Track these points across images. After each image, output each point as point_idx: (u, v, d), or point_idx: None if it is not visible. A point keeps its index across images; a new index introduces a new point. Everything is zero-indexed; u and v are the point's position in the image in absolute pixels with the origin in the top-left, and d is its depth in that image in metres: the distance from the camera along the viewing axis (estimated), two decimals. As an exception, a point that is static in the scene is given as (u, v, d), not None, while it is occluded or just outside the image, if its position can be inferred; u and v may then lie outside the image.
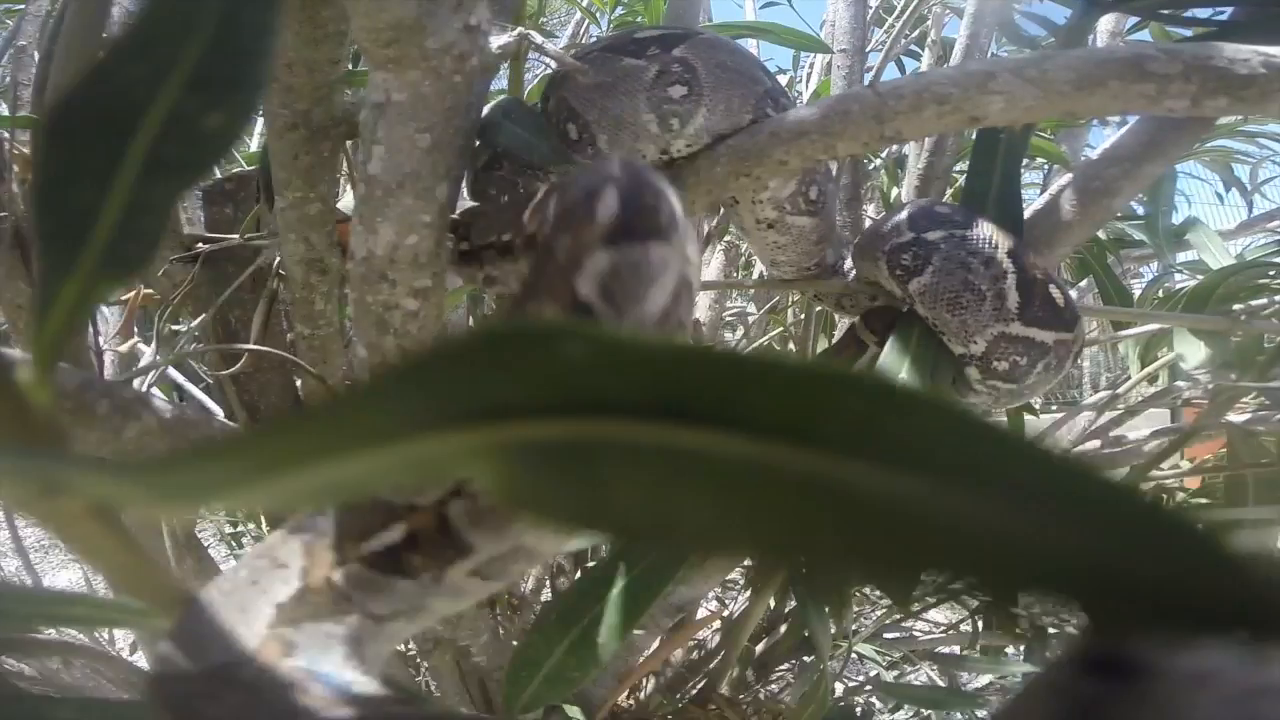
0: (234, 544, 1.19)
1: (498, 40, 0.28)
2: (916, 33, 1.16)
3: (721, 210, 0.61)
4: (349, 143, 0.46)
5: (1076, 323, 0.36)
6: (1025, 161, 0.61)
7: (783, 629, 0.87)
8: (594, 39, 0.64)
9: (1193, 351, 0.50)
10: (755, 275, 0.93)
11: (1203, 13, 0.37)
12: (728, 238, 0.79)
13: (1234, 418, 0.52)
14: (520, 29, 0.29)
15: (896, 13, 1.22)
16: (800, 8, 1.21)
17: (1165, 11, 0.42)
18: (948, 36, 1.09)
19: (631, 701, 0.66)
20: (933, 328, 0.37)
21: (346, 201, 0.52)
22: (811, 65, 1.13)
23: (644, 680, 0.76)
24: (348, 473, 0.09)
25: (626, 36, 0.37)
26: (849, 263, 0.45)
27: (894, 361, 0.35)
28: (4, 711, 0.17)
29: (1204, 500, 0.69)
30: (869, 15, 1.15)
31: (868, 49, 1.18)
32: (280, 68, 0.41)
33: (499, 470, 0.09)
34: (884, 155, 1.03)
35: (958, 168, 0.80)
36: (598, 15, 0.79)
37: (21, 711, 0.16)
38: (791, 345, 1.08)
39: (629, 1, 0.74)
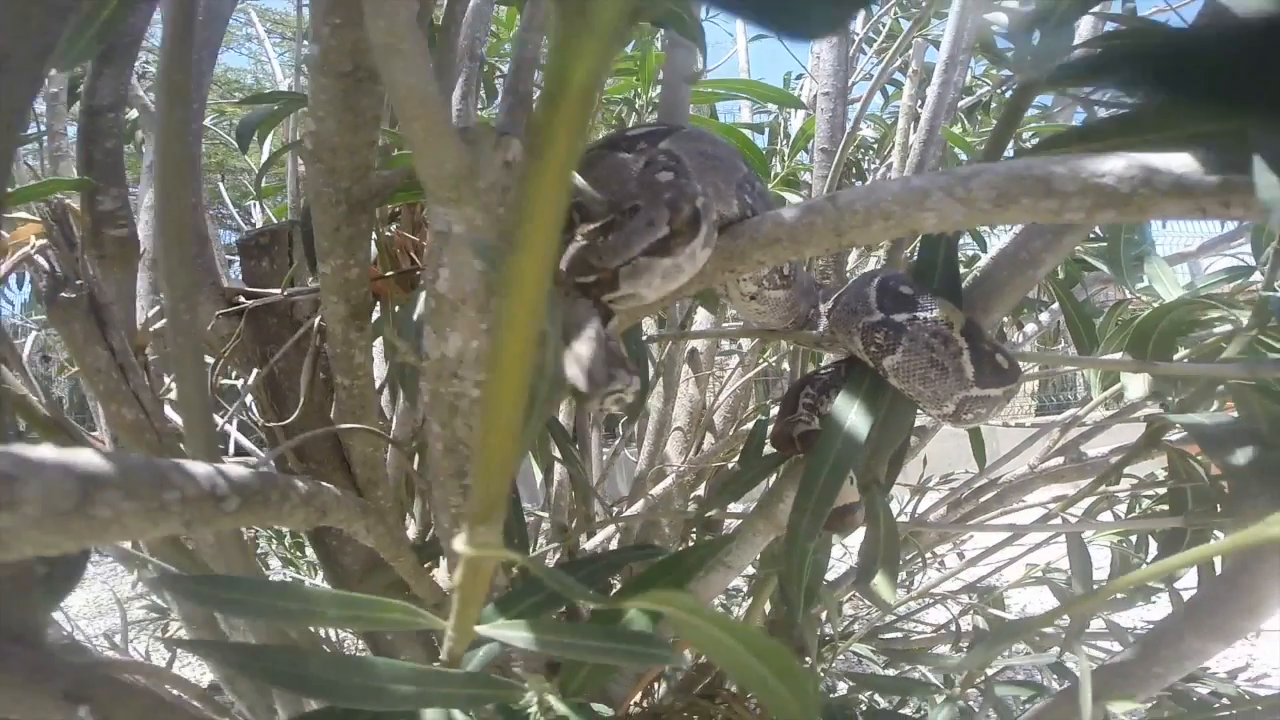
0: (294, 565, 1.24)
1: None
2: (899, 62, 1.23)
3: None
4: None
5: (1018, 374, 0.43)
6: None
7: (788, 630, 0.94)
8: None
9: (1135, 384, 0.56)
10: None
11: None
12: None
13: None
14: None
15: (877, 46, 1.29)
16: (788, 41, 1.28)
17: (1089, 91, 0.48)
18: (929, 63, 1.17)
19: (645, 703, 0.72)
20: (908, 397, 0.44)
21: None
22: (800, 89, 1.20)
23: (656, 682, 0.83)
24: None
25: (620, 134, 0.44)
26: (823, 312, 0.51)
27: (843, 408, 0.41)
28: (332, 672, 0.23)
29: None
30: (852, 48, 1.23)
31: (852, 80, 1.25)
32: (325, 151, 0.47)
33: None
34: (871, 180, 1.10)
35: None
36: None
37: (346, 669, 0.23)
38: (785, 365, 1.15)
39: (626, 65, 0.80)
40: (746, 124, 1.13)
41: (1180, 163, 0.29)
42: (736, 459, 1.00)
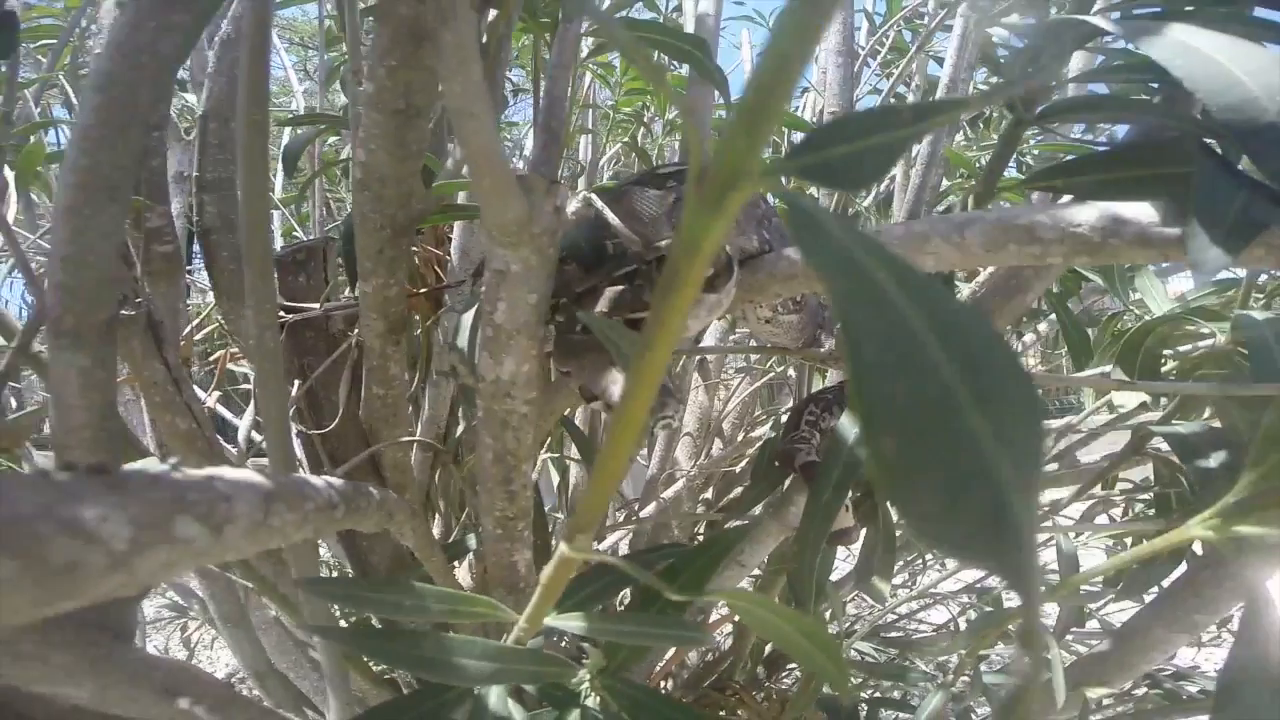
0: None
1: (571, 206, 0.39)
2: (903, 75, 1.27)
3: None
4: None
5: None
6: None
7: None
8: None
9: (1125, 395, 0.61)
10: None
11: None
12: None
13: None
14: (585, 193, 0.41)
15: (881, 59, 1.33)
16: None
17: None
18: (933, 75, 1.22)
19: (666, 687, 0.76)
20: None
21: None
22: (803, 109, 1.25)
23: (665, 679, 0.87)
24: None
25: (650, 172, 0.49)
26: (831, 331, 0.56)
27: (846, 426, 0.46)
28: (430, 650, 0.28)
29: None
30: (858, 62, 1.27)
31: (858, 95, 1.30)
32: (374, 181, 0.52)
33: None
34: (872, 196, 1.15)
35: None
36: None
37: (441, 648, 0.28)
38: (790, 371, 1.20)
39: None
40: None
41: (1145, 213, 0.34)
42: (743, 464, 1.05)
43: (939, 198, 0.99)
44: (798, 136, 1.27)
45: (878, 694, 1.07)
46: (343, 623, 0.74)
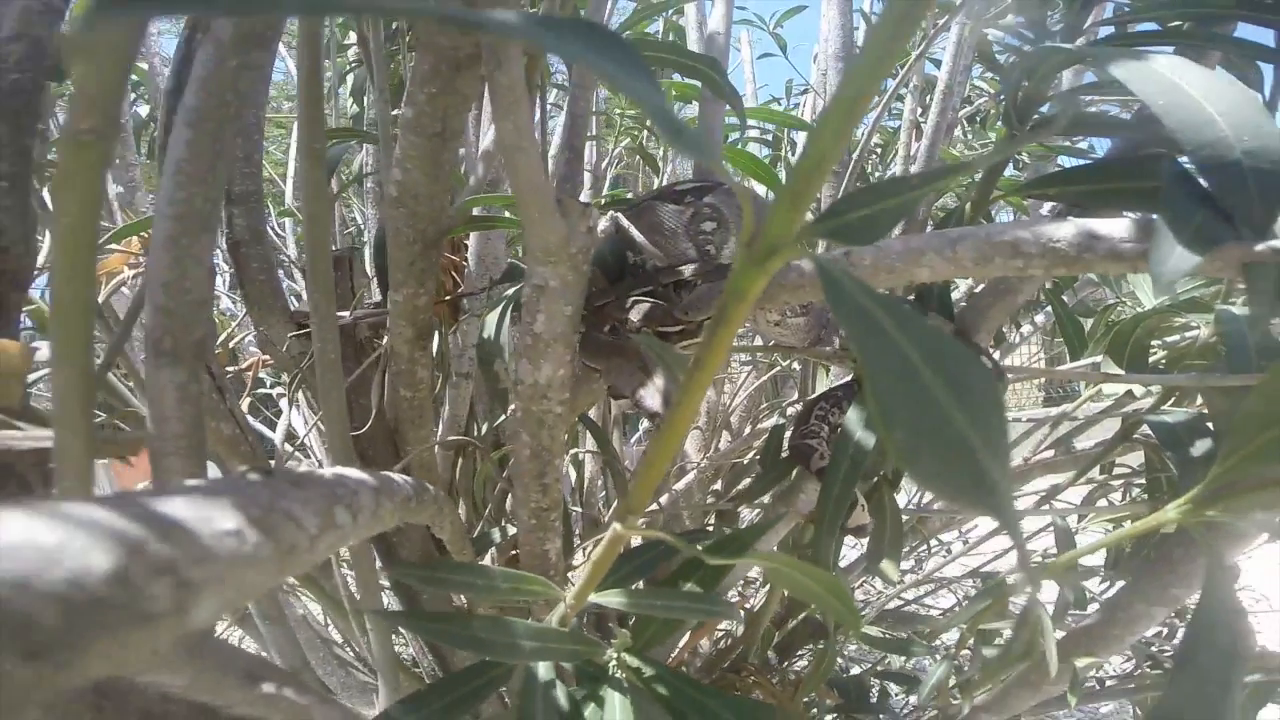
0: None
1: (600, 226, 0.44)
2: (901, 77, 1.31)
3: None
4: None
5: (1001, 375, 0.52)
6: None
7: (801, 616, 1.03)
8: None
9: (1115, 386, 0.66)
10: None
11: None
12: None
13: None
14: (613, 213, 0.45)
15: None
16: (793, 57, 1.37)
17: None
18: (930, 74, 1.26)
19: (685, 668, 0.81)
20: None
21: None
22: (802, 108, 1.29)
23: (679, 667, 0.92)
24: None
25: (670, 188, 0.53)
26: (831, 334, 0.60)
27: (853, 421, 0.51)
28: (485, 631, 0.33)
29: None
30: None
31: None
32: (408, 198, 0.56)
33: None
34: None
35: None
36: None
37: (495, 629, 0.32)
38: (795, 365, 1.24)
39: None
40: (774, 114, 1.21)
41: (1118, 229, 0.38)
42: (751, 455, 1.09)
43: (938, 194, 1.03)
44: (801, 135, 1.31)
45: (885, 672, 1.13)
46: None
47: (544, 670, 0.39)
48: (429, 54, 0.46)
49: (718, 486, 1.14)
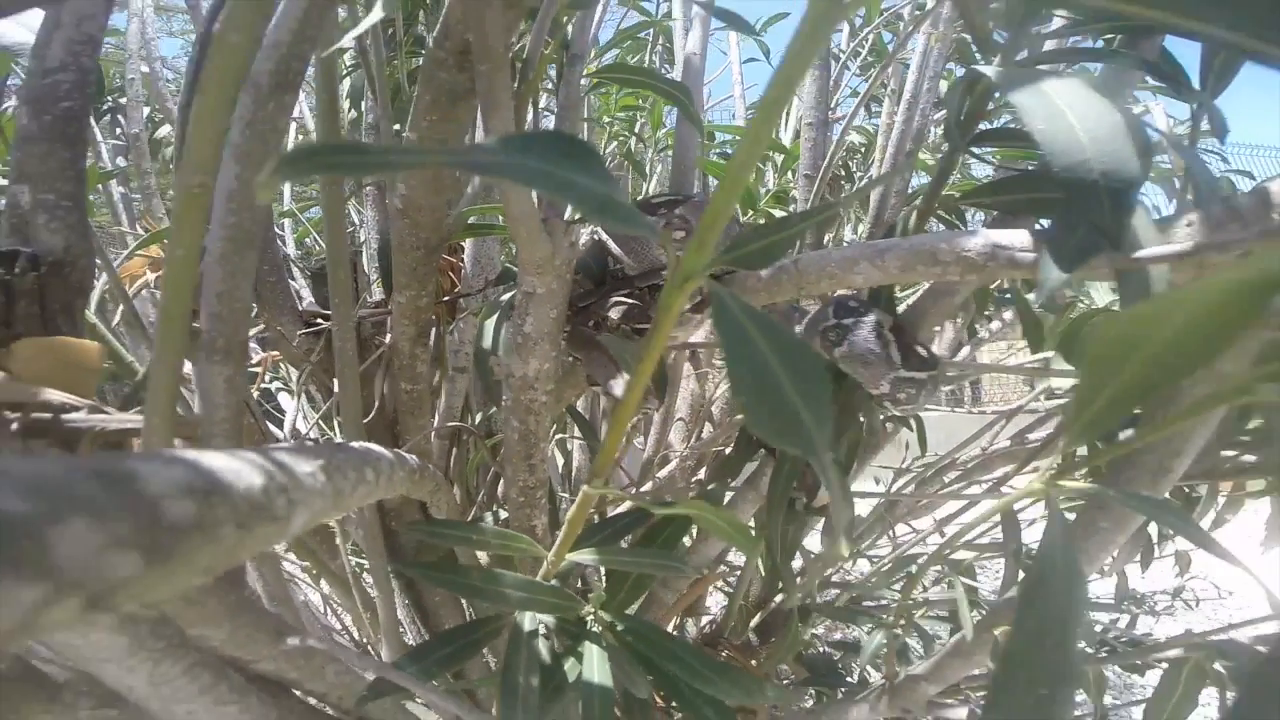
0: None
1: (582, 239, 0.51)
2: (874, 79, 1.39)
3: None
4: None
5: (937, 363, 0.60)
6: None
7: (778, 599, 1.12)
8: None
9: (1063, 381, 0.74)
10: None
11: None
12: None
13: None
14: (593, 227, 0.53)
15: (861, 61, 1.45)
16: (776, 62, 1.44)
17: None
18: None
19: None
20: (854, 377, 0.61)
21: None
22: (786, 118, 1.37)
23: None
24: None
25: (645, 201, 0.61)
26: (800, 328, 0.68)
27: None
28: (483, 581, 0.41)
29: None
30: (838, 66, 1.39)
31: (838, 99, 1.42)
32: (412, 210, 0.64)
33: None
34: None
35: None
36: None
37: (491, 580, 0.40)
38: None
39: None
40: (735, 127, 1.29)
41: (1019, 239, 0.46)
42: (732, 446, 1.18)
43: (908, 199, 1.12)
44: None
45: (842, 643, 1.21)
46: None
47: (529, 622, 0.47)
48: (430, 88, 0.54)
49: (701, 477, 1.22)
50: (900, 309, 0.65)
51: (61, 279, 0.43)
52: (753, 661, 1.01)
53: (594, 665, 0.47)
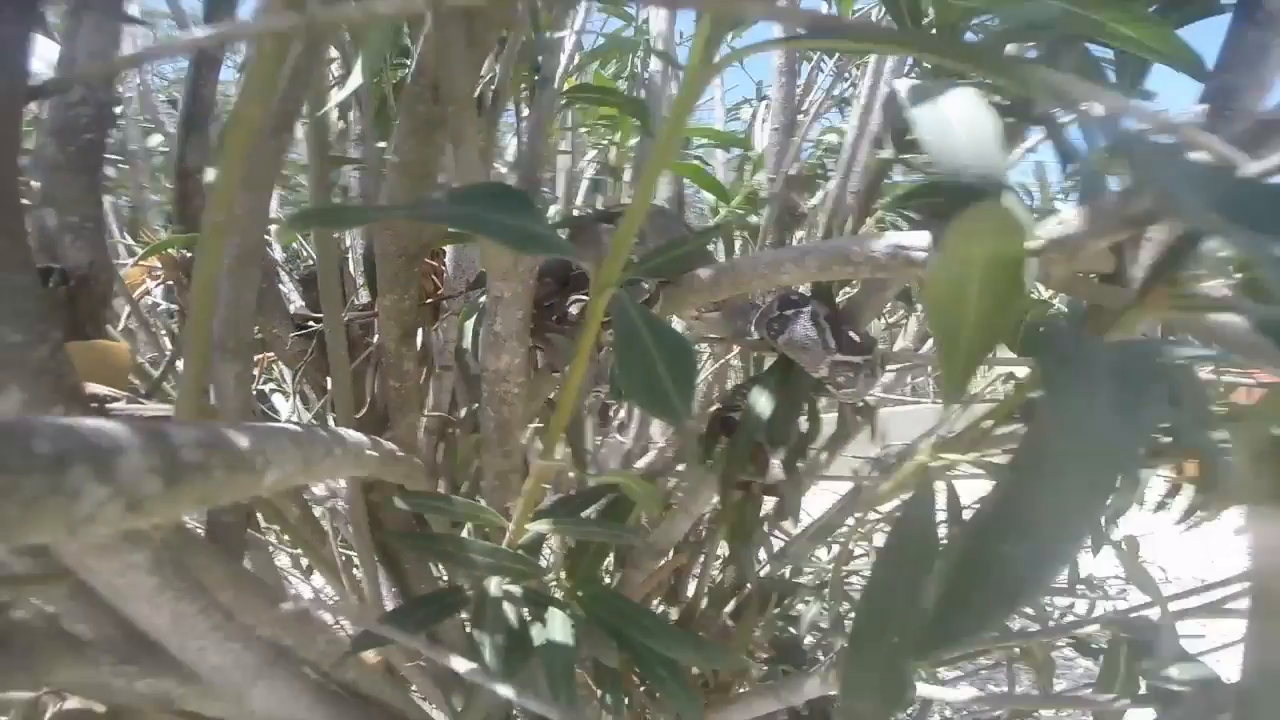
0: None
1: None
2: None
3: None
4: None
5: (873, 348, 0.69)
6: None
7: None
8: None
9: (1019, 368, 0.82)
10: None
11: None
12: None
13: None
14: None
15: (834, 62, 1.54)
16: (750, 67, 1.53)
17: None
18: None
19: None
20: (796, 362, 0.70)
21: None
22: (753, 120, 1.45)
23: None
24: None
25: (605, 211, 0.70)
26: (753, 324, 0.77)
27: (755, 395, 0.67)
28: (453, 548, 0.49)
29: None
30: (810, 66, 1.48)
31: (811, 99, 1.51)
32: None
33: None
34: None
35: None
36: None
37: (461, 546, 0.48)
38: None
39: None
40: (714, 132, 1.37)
41: (919, 240, 0.55)
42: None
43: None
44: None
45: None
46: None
47: (495, 587, 0.56)
48: (409, 118, 0.62)
49: (682, 467, 1.31)
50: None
51: (88, 290, 0.52)
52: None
53: (556, 627, 0.55)
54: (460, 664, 0.43)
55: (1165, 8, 0.61)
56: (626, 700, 0.76)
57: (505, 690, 0.43)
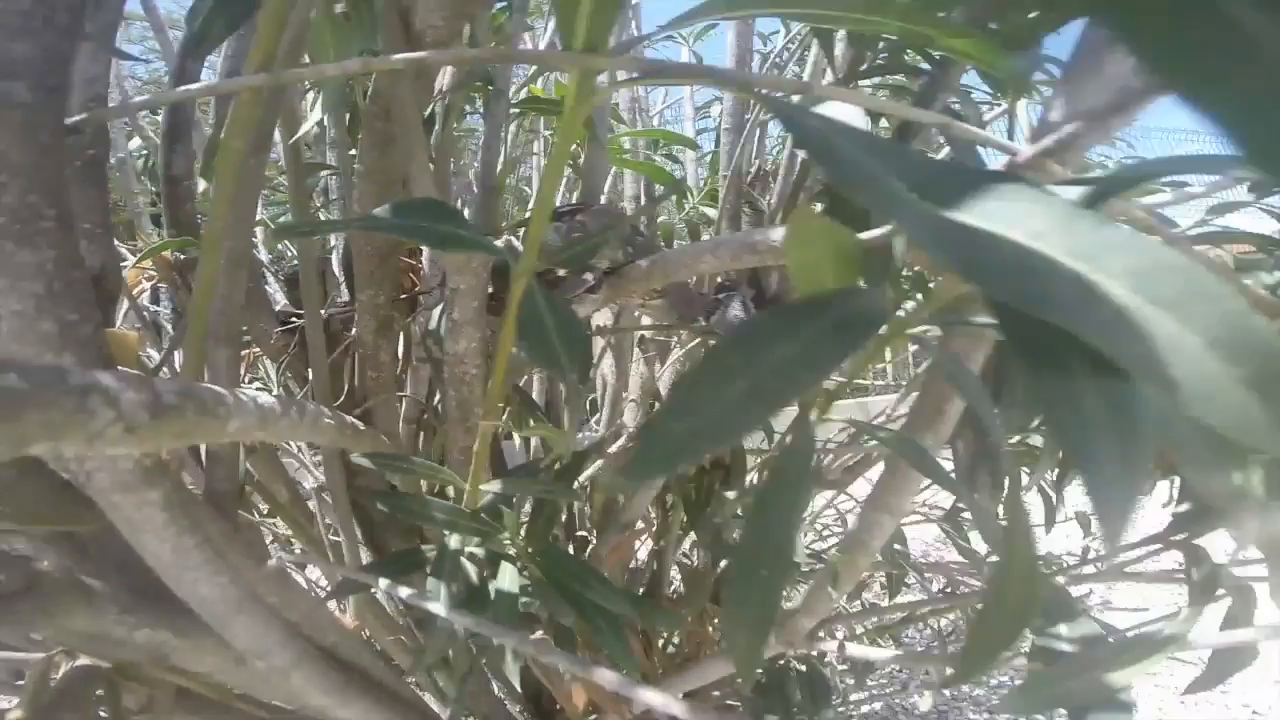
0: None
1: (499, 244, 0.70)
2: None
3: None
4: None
5: None
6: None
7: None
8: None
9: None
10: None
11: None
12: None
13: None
14: (508, 237, 0.71)
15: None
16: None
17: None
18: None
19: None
20: None
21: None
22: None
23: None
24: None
25: (556, 209, 0.79)
26: (702, 313, 0.87)
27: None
28: (418, 506, 0.59)
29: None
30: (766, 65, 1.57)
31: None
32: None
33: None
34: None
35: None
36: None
37: (425, 505, 0.59)
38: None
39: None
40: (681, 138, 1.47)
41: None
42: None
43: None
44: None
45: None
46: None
47: (455, 541, 0.65)
48: (370, 133, 0.72)
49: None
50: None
51: (102, 290, 0.62)
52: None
53: (506, 577, 0.65)
54: (421, 599, 0.53)
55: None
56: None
57: (461, 619, 0.53)
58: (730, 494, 0.86)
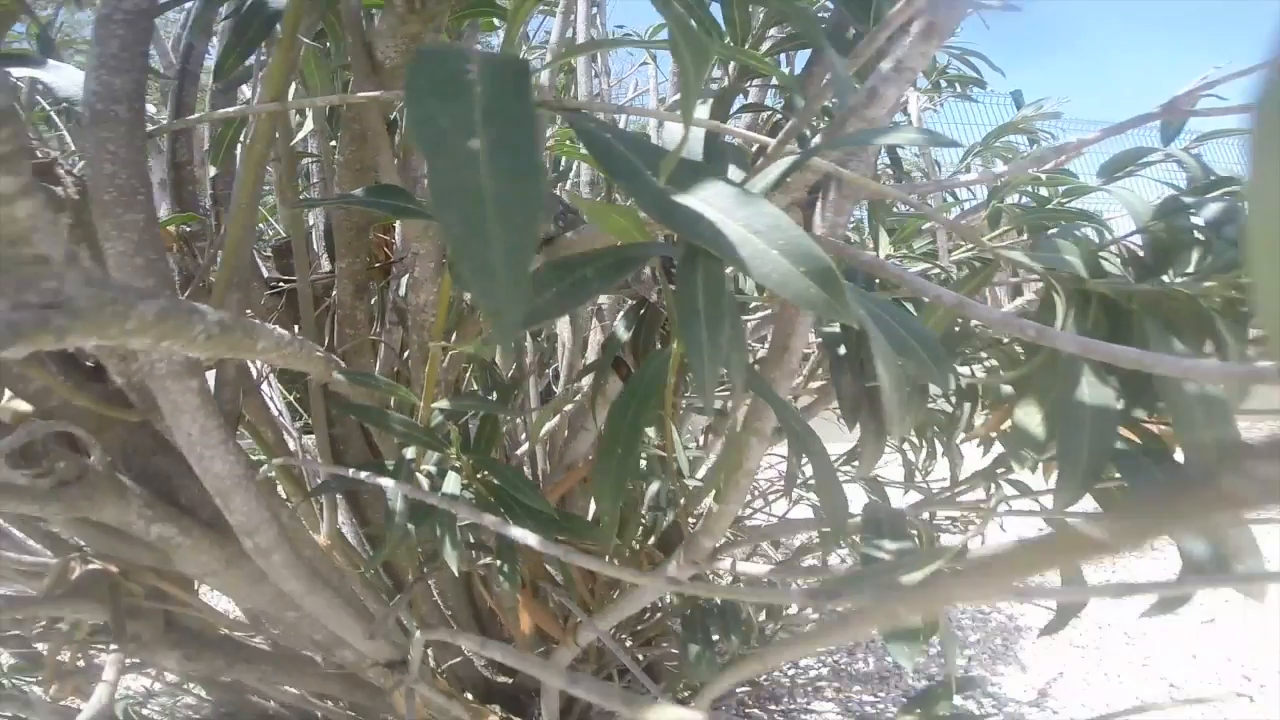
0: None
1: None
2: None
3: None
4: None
5: None
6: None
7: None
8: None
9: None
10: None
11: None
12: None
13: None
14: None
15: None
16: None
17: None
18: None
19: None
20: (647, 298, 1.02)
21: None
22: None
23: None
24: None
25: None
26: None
27: (620, 323, 1.00)
28: (379, 418, 0.82)
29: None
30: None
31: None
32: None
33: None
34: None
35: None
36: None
37: (384, 417, 0.81)
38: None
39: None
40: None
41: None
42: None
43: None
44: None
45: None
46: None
47: (410, 453, 0.88)
48: (348, 129, 0.94)
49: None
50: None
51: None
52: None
53: (449, 482, 0.88)
54: (386, 482, 0.76)
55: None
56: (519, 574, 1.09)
57: (415, 493, 0.75)
58: (650, 430, 1.09)
